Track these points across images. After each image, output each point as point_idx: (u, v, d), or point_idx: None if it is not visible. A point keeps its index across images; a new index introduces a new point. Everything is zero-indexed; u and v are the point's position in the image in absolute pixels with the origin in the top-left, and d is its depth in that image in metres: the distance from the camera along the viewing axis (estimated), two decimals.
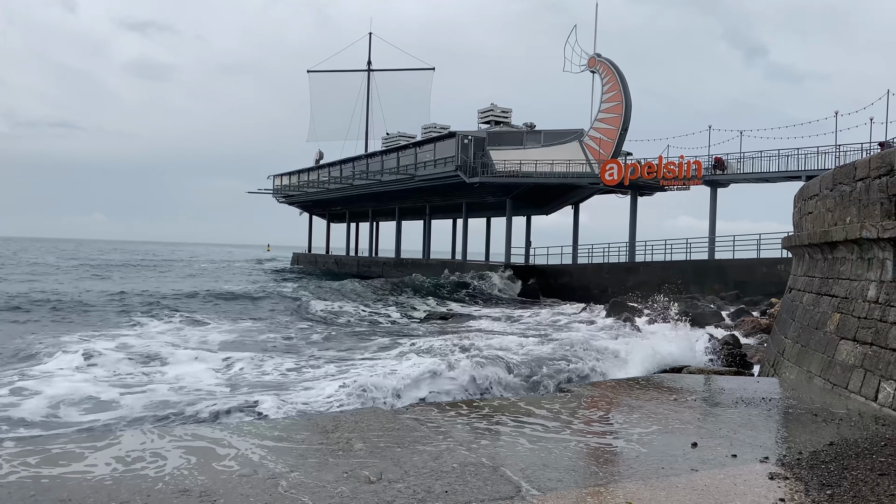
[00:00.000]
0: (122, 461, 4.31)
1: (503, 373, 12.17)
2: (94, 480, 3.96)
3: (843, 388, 7.04)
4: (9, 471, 4.05)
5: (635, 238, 37.62)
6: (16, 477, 3.96)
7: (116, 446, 4.66)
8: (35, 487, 3.81)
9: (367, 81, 62.70)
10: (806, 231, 9.62)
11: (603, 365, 13.52)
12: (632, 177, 35.97)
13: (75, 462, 4.28)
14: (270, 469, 4.25)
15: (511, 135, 41.72)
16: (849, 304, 7.50)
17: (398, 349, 16.56)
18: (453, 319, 25.64)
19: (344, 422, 5.68)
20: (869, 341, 6.82)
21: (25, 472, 4.05)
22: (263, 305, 28.38)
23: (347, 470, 4.26)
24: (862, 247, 7.37)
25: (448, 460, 4.53)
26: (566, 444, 5.09)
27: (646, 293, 24.93)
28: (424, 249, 53.41)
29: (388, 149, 50.72)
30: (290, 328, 21.66)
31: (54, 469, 4.12)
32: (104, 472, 4.10)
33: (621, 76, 37.59)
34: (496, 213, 48.04)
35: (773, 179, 33.50)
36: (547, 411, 6.17)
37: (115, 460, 4.33)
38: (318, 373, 13.20)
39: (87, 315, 23.53)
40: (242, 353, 15.55)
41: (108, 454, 4.47)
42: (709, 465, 4.57)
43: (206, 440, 4.87)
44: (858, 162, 7.80)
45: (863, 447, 5.02)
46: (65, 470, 4.12)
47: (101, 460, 4.33)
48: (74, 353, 14.28)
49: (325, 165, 58.20)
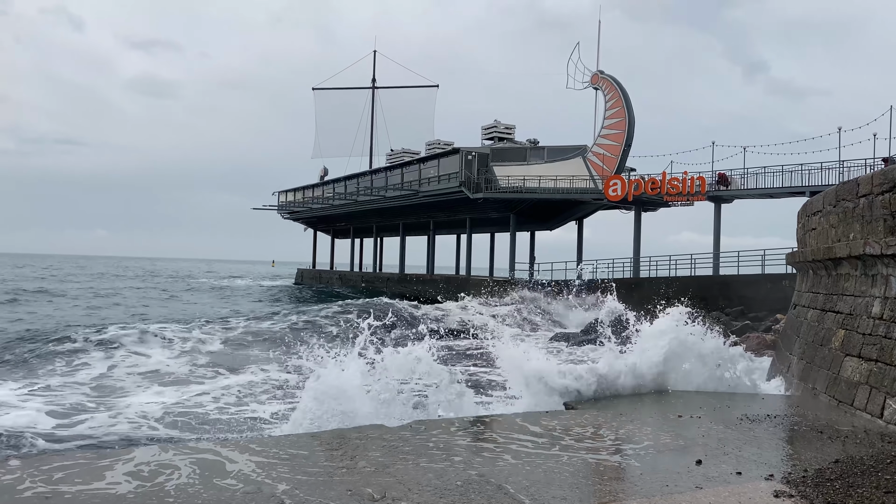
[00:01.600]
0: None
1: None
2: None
3: (849, 404, 7.01)
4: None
5: (639, 254, 37.59)
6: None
7: (131, 462, 4.67)
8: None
9: (371, 98, 63.12)
10: (810, 247, 9.62)
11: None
12: (635, 192, 36.01)
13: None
14: (274, 487, 4.25)
15: (514, 151, 41.86)
16: (853, 321, 7.48)
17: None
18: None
19: (347, 438, 5.68)
20: (874, 358, 6.80)
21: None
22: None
23: (351, 487, 4.26)
24: (866, 263, 7.37)
25: (451, 477, 4.53)
26: (570, 462, 5.07)
27: (650, 309, 24.84)
28: (428, 265, 53.44)
29: (392, 165, 50.90)
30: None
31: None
32: (118, 485, 4.11)
33: (624, 92, 37.75)
34: (500, 229, 48.06)
35: (777, 195, 33.48)
36: (551, 428, 6.15)
37: (129, 475, 4.34)
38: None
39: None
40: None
41: (124, 469, 4.48)
42: (713, 483, 4.55)
43: (210, 454, 4.87)
44: (861, 178, 7.81)
45: (868, 464, 4.99)
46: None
47: (117, 474, 4.34)
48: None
49: (330, 182, 58.42)
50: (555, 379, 8.62)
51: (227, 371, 15.15)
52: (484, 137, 45.34)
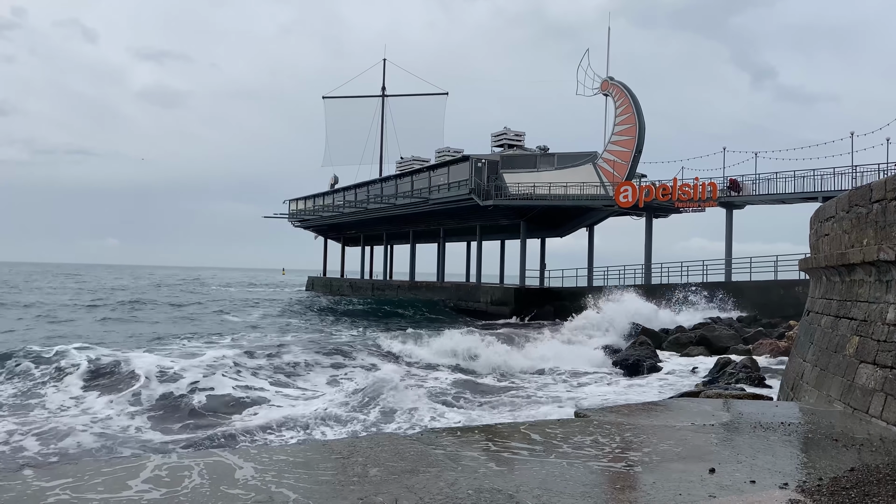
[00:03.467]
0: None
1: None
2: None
3: (864, 412, 6.93)
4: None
5: (651, 260, 37.46)
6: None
7: (144, 471, 4.68)
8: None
9: (381, 106, 63.36)
10: (823, 253, 9.54)
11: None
12: (646, 199, 35.92)
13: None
14: (285, 496, 4.24)
15: (524, 158, 41.88)
16: (868, 327, 7.41)
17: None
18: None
19: (359, 447, 5.67)
20: (889, 364, 6.73)
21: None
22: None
23: (362, 496, 4.25)
24: (880, 269, 7.30)
25: (463, 486, 4.51)
26: (582, 471, 5.04)
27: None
28: (438, 272, 53.50)
29: (402, 173, 51.02)
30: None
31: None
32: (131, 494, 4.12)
33: (634, 99, 37.74)
34: (510, 236, 48.06)
35: (790, 201, 33.32)
36: (562, 437, 6.12)
37: (142, 482, 4.35)
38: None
39: None
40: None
41: (141, 476, 4.48)
42: (727, 492, 4.51)
43: (220, 461, 4.87)
44: (875, 184, 7.75)
45: (884, 473, 4.93)
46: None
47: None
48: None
49: (340, 190, 58.63)
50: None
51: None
52: (494, 144, 45.42)
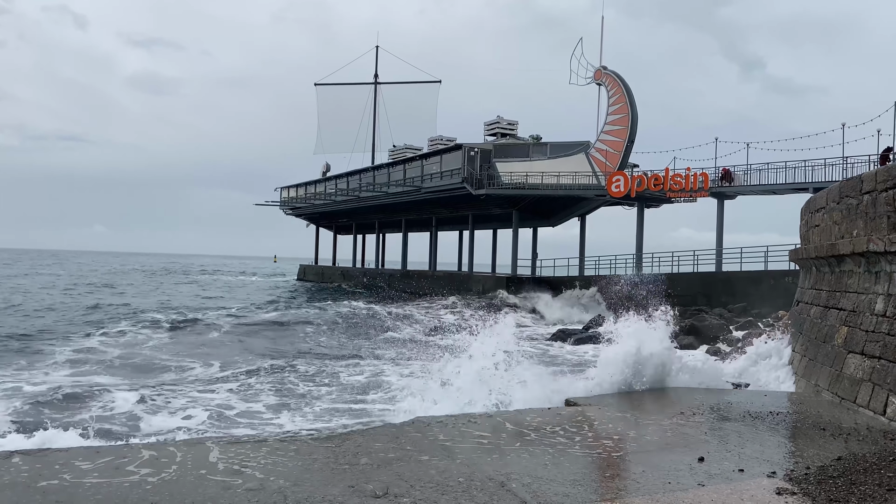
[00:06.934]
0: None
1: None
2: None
3: (852, 401, 7.00)
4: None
5: (642, 250, 37.55)
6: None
7: (140, 457, 4.68)
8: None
9: (373, 94, 62.99)
10: (813, 244, 9.59)
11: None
12: (638, 189, 35.94)
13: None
14: (276, 483, 4.25)
15: (517, 147, 41.79)
16: (856, 318, 7.47)
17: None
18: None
19: (351, 435, 5.69)
20: (877, 355, 6.78)
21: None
22: None
23: (353, 484, 4.27)
24: (869, 260, 7.35)
25: (454, 474, 4.53)
26: (572, 459, 5.07)
27: (653, 305, 24.82)
28: (431, 261, 53.43)
29: (394, 161, 50.85)
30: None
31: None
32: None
33: (627, 89, 37.66)
34: (502, 225, 48.02)
35: (781, 191, 33.40)
36: (552, 425, 6.15)
37: (140, 467, 4.35)
38: None
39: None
40: None
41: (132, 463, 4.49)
42: (716, 480, 4.55)
43: (215, 450, 4.88)
44: (865, 175, 7.79)
45: (871, 462, 4.98)
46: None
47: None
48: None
49: (332, 178, 58.34)
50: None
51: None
52: (487, 133, 45.29)
